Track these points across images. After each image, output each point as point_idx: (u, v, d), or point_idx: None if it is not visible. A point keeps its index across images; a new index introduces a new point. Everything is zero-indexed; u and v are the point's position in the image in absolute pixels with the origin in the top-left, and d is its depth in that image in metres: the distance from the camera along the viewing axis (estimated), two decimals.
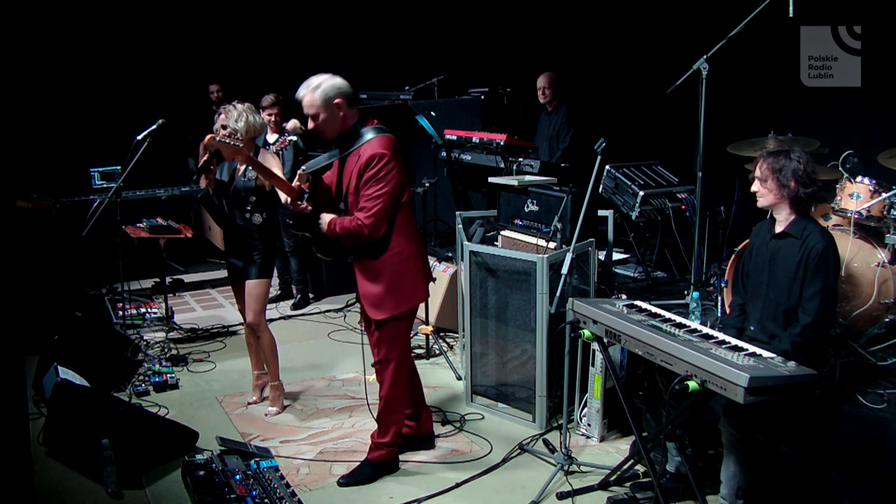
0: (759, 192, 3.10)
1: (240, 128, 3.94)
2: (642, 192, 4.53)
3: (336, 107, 3.20)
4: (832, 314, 3.09)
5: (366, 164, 3.15)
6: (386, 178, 3.16)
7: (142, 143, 4.75)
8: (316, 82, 3.21)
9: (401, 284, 3.32)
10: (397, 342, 3.40)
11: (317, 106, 3.19)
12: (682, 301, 4.25)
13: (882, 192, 3.70)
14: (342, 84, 3.23)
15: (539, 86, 6.09)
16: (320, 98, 3.18)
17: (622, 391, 3.17)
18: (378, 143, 3.19)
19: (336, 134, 3.27)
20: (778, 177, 3.01)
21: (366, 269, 3.33)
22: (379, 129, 3.26)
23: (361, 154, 3.19)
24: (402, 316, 3.38)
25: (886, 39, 4.50)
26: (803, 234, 3.00)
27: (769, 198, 3.07)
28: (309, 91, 3.19)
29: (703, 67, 3.77)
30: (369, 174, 3.15)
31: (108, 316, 5.30)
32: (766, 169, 3.05)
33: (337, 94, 3.20)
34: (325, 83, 3.20)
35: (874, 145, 4.64)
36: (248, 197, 3.99)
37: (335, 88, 3.20)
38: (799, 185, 3.00)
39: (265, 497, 3.07)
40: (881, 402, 3.17)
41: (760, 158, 3.12)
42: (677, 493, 3.18)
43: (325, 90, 3.18)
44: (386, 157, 3.16)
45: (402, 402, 3.53)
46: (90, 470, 3.49)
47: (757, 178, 3.09)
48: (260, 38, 7.73)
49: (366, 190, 3.17)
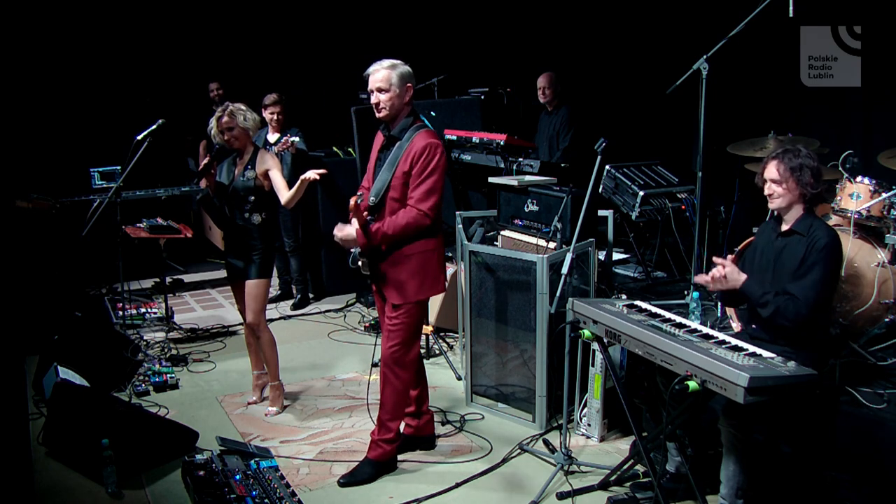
0: (776, 194, 3.04)
1: (249, 126, 4.03)
2: (642, 192, 4.53)
3: (407, 90, 3.36)
4: (826, 307, 3.07)
5: (420, 155, 3.27)
6: (439, 167, 3.31)
7: (142, 143, 4.75)
8: (394, 62, 3.35)
9: (425, 272, 3.41)
10: (410, 330, 3.45)
11: (388, 82, 3.32)
12: (682, 301, 4.25)
13: (882, 192, 3.70)
14: (411, 74, 3.39)
15: (539, 86, 6.09)
16: (397, 76, 3.32)
17: (622, 391, 3.17)
18: (429, 134, 3.35)
19: (389, 116, 3.37)
20: (797, 176, 2.98)
21: (395, 254, 3.39)
22: (424, 126, 3.42)
23: (414, 144, 3.30)
24: (420, 303, 3.47)
25: (886, 39, 4.49)
26: (809, 231, 2.99)
27: (787, 198, 3.03)
28: (385, 68, 3.33)
29: (703, 67, 3.77)
30: (423, 164, 3.27)
31: (108, 316, 5.30)
32: (784, 171, 3.00)
33: (411, 78, 3.37)
34: (403, 66, 3.36)
35: (874, 145, 4.63)
36: (247, 197, 4.00)
37: (410, 74, 3.38)
38: (815, 182, 2.99)
39: (265, 497, 3.07)
40: (881, 402, 3.17)
41: (770, 161, 3.06)
42: (677, 493, 3.18)
43: (403, 72, 3.35)
44: (439, 147, 3.32)
45: (404, 395, 3.53)
46: (90, 470, 3.49)
47: (771, 181, 3.04)
48: (260, 38, 7.72)
49: (422, 180, 3.29)
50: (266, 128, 5.75)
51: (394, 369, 3.45)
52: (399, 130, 3.38)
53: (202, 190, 4.16)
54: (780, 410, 2.96)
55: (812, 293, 2.90)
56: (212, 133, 4.05)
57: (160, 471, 3.58)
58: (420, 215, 3.29)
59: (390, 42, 7.88)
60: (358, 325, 5.76)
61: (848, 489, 3.03)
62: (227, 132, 3.98)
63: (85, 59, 7.07)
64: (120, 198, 4.99)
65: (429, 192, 3.29)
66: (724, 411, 2.87)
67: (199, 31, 7.55)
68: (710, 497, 3.02)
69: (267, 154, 4.07)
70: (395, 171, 3.33)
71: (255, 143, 4.15)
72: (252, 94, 5.30)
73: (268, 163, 4.00)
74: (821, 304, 2.97)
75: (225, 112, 3.98)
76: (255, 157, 4.04)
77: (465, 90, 6.96)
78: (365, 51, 5.82)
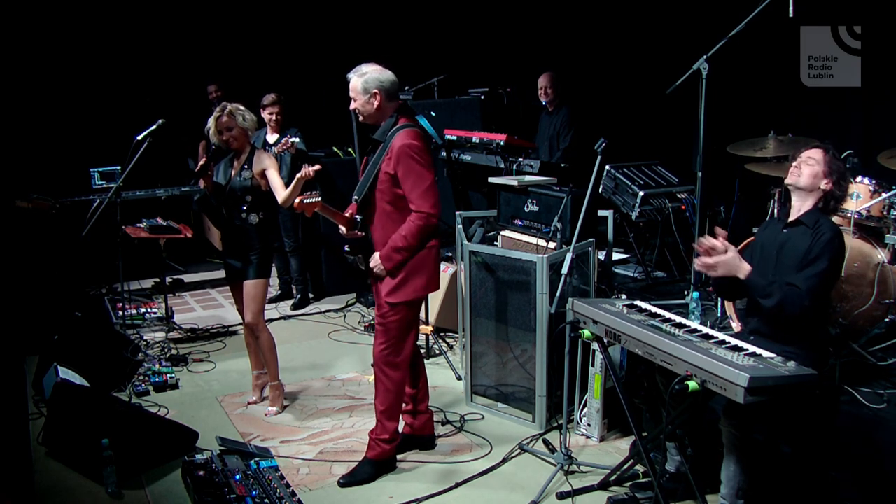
0: (805, 171, 3.02)
1: (248, 126, 4.04)
2: (642, 192, 4.53)
3: (373, 96, 3.35)
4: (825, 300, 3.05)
5: (398, 156, 3.27)
6: (423, 163, 3.29)
7: (142, 143, 4.75)
8: (364, 70, 3.39)
9: (420, 272, 3.40)
10: (400, 329, 3.44)
11: (356, 91, 3.37)
12: (682, 301, 4.25)
13: (882, 192, 3.70)
14: (385, 79, 3.38)
15: (540, 86, 6.09)
16: (361, 84, 3.35)
17: (622, 391, 3.17)
18: (407, 134, 3.32)
19: (371, 120, 3.43)
20: (833, 171, 2.99)
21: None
22: (408, 125, 3.40)
23: (392, 146, 3.30)
24: (414, 302, 3.47)
25: (886, 39, 4.50)
26: (815, 225, 2.99)
27: (811, 181, 3.01)
28: (355, 76, 3.38)
29: (703, 67, 3.77)
30: (405, 165, 3.27)
31: (108, 316, 5.30)
32: (828, 160, 3.00)
33: (377, 86, 3.35)
34: (370, 73, 3.36)
35: (874, 145, 4.63)
36: (244, 196, 4.00)
37: (377, 81, 3.35)
38: (840, 189, 3.00)
39: (265, 497, 3.07)
40: (881, 402, 3.17)
41: (817, 147, 3.06)
42: (677, 493, 3.18)
43: (367, 80, 3.35)
44: (415, 146, 3.29)
45: (398, 395, 3.52)
46: (90, 470, 3.49)
47: (809, 157, 3.03)
48: (259, 38, 7.72)
49: (411, 182, 3.28)
50: (265, 128, 5.75)
51: (384, 369, 3.45)
52: (381, 133, 3.39)
53: (200, 190, 4.16)
54: (780, 410, 2.96)
55: (815, 282, 2.89)
56: (209, 133, 4.05)
57: (160, 471, 3.58)
58: (422, 217, 3.29)
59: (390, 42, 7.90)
60: (358, 325, 5.76)
61: (848, 489, 3.03)
62: (226, 132, 3.98)
63: (85, 59, 7.07)
64: (120, 198, 4.99)
65: (424, 192, 3.28)
66: (724, 411, 2.87)
67: (199, 32, 7.55)
68: (710, 497, 3.02)
69: (264, 154, 4.08)
70: (377, 171, 3.34)
71: (252, 143, 4.15)
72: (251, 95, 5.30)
73: (264, 162, 4.00)
74: (821, 296, 2.96)
75: (224, 112, 3.98)
76: (253, 157, 4.04)
77: (465, 90, 6.96)
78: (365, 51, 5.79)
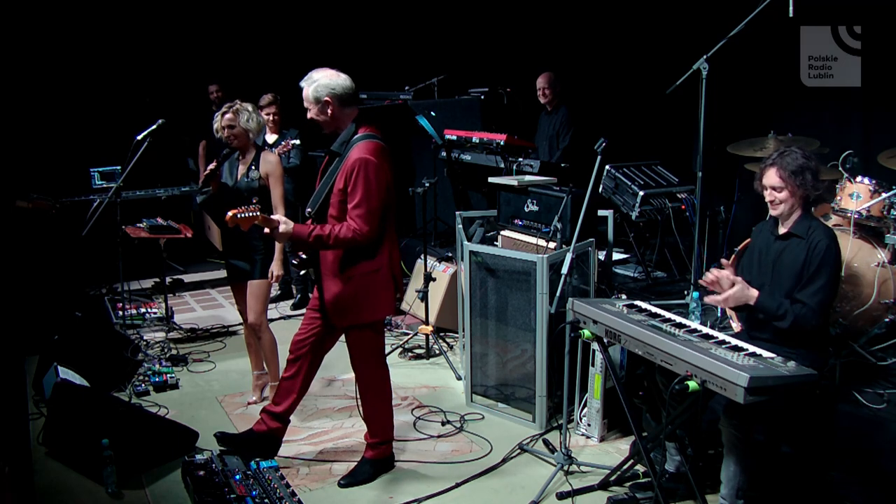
0: (778, 200, 3.01)
1: (252, 128, 4.02)
2: (642, 192, 4.53)
3: (325, 104, 3.21)
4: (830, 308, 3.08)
5: (350, 171, 3.12)
6: (370, 183, 3.11)
7: (142, 143, 4.76)
8: (314, 77, 3.23)
9: (367, 294, 3.26)
10: (364, 349, 3.40)
11: (308, 100, 3.23)
12: (682, 301, 4.25)
13: (882, 192, 3.70)
14: (336, 84, 3.21)
15: (539, 86, 6.09)
16: (311, 94, 3.21)
17: (622, 391, 3.17)
18: (364, 148, 3.15)
19: (328, 130, 3.29)
20: (799, 180, 2.96)
21: (336, 273, 3.25)
22: (368, 135, 3.23)
23: (348, 160, 3.16)
24: (365, 326, 3.34)
25: (886, 39, 4.49)
26: (808, 234, 2.99)
27: (790, 203, 3.01)
28: (306, 84, 3.23)
29: (703, 67, 3.77)
30: (354, 181, 3.11)
31: (108, 316, 5.30)
32: (785, 176, 2.97)
33: (328, 93, 3.19)
34: (320, 80, 3.21)
35: (874, 145, 4.63)
36: (250, 197, 4.00)
37: (327, 88, 3.19)
38: (816, 182, 2.98)
39: (265, 497, 3.06)
40: (881, 401, 3.17)
41: (768, 168, 3.02)
42: (677, 493, 3.17)
43: (317, 87, 3.20)
44: (371, 162, 3.12)
45: (382, 391, 3.51)
46: (90, 470, 3.49)
47: (772, 188, 3.01)
48: (259, 38, 7.72)
49: (355, 199, 3.12)
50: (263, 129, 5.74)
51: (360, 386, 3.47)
52: (339, 144, 3.24)
53: (204, 191, 4.15)
54: (780, 410, 2.96)
55: (821, 296, 2.92)
56: (216, 128, 4.06)
57: (160, 471, 3.58)
58: (355, 233, 3.10)
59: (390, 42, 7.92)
60: None
61: (848, 489, 3.03)
62: (228, 129, 3.99)
63: (85, 59, 7.07)
64: (120, 198, 5.00)
65: (367, 213, 3.09)
66: (724, 411, 2.87)
67: (199, 32, 7.55)
68: (710, 497, 3.02)
69: (271, 155, 4.08)
70: (331, 185, 3.20)
71: (256, 144, 4.15)
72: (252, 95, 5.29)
73: (271, 167, 4.00)
74: (829, 305, 3.00)
75: (231, 109, 3.99)
76: (259, 157, 4.04)
77: (465, 90, 6.97)
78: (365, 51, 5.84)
